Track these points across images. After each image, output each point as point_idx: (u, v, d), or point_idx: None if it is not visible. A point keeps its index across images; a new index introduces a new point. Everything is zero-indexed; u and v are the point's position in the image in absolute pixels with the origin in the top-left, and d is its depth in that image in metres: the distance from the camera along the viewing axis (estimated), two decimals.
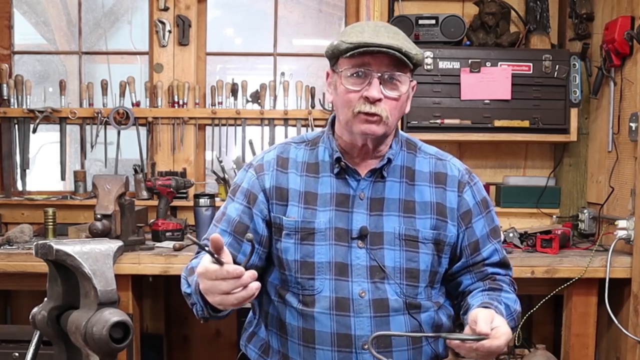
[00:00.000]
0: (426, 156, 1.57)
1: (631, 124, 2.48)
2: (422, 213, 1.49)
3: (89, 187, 3.03)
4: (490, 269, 1.54)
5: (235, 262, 1.48)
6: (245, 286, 1.20)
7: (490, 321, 1.29)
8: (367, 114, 1.40)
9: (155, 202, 2.77)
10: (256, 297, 1.38)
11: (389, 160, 1.50)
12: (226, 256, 1.21)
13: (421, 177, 1.53)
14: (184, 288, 1.45)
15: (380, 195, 1.49)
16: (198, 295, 1.34)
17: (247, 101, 3.08)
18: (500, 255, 1.56)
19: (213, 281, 1.20)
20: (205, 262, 1.22)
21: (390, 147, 1.51)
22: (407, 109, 1.50)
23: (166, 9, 3.02)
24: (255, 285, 1.21)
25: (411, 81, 1.46)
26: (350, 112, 1.42)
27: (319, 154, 1.54)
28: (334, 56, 1.45)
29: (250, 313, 1.65)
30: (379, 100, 1.39)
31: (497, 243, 1.57)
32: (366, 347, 1.43)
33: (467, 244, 1.53)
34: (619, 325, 2.43)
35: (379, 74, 1.39)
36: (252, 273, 1.21)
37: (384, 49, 1.36)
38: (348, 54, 1.39)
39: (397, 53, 1.36)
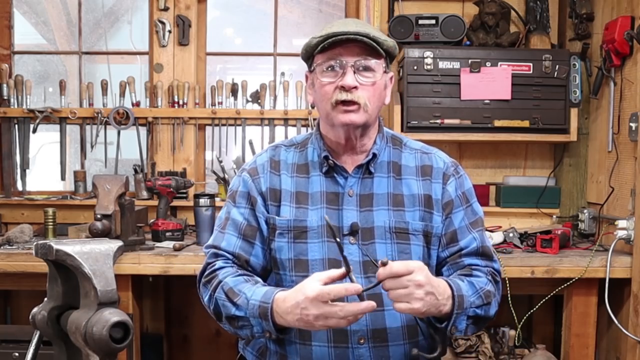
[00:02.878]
0: (412, 151, 1.59)
1: (631, 124, 2.48)
2: (410, 206, 1.52)
3: (89, 187, 3.03)
4: (468, 260, 1.52)
5: (248, 265, 1.49)
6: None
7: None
8: (345, 102, 1.44)
9: (155, 202, 2.77)
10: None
11: (375, 156, 1.53)
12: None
13: (407, 171, 1.55)
14: (229, 311, 1.41)
15: (369, 191, 1.52)
16: (259, 318, 1.35)
17: (247, 101, 3.08)
18: (478, 243, 1.53)
19: (327, 306, 1.24)
20: (312, 285, 1.27)
21: (375, 142, 1.55)
22: (388, 100, 1.55)
23: (166, 9, 3.02)
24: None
25: (387, 72, 1.51)
26: (329, 105, 1.46)
27: (308, 154, 1.58)
28: (309, 54, 1.51)
29: None
30: (355, 87, 1.44)
31: (476, 232, 1.55)
32: (362, 341, 1.44)
33: (444, 233, 1.53)
34: (619, 325, 2.43)
35: (352, 63, 1.44)
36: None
37: (352, 36, 1.41)
38: (319, 47, 1.45)
39: (365, 39, 1.42)
